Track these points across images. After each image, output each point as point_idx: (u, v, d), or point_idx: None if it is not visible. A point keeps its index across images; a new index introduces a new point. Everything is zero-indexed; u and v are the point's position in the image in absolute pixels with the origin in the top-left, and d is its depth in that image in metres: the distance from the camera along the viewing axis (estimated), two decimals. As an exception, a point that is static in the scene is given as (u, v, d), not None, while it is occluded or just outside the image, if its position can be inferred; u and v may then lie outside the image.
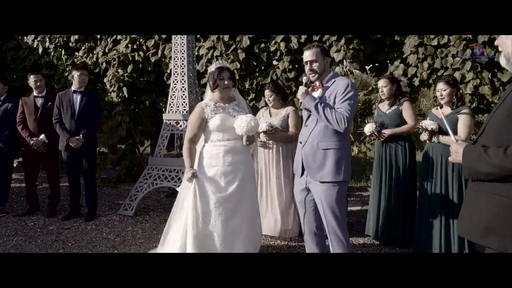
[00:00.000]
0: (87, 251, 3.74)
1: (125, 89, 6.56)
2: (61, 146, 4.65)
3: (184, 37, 4.80)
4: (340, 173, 2.67)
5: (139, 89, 6.73)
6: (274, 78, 5.76)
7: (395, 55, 5.35)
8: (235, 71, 5.72)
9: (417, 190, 3.77)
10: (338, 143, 2.69)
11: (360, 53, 5.31)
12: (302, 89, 2.77)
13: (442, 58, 4.93)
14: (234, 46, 5.84)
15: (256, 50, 5.81)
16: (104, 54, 6.93)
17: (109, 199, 5.77)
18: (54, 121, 4.60)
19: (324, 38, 5.39)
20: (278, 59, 5.77)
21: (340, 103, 2.63)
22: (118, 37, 6.82)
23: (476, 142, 1.71)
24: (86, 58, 7.13)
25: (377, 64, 5.69)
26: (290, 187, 3.94)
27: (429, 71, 5.02)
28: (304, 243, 3.07)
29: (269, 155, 3.96)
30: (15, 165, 5.50)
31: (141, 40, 6.63)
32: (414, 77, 5.19)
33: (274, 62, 5.92)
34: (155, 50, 6.51)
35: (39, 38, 7.48)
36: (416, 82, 5.18)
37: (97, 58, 6.99)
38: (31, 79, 4.78)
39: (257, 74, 5.88)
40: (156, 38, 6.50)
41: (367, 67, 5.82)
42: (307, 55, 2.78)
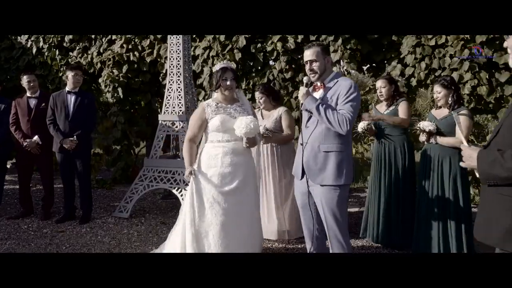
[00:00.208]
0: (81, 254, 3.68)
1: (120, 89, 6.51)
2: (55, 148, 4.59)
3: (180, 37, 4.75)
4: (342, 176, 2.62)
5: (134, 89, 6.68)
6: (271, 78, 5.72)
7: (393, 55, 5.32)
8: (232, 71, 5.66)
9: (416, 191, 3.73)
10: (339, 145, 2.63)
11: (357, 53, 5.28)
12: (302, 89, 2.71)
13: (439, 58, 4.91)
14: (230, 46, 5.79)
15: (253, 50, 5.77)
16: (99, 54, 6.87)
17: (104, 201, 5.70)
18: (48, 122, 4.53)
19: (321, 38, 5.34)
20: (275, 59, 5.72)
21: (342, 104, 2.58)
22: (113, 37, 6.75)
23: (489, 145, 1.67)
24: (81, 58, 7.06)
25: (374, 65, 5.66)
26: (287, 189, 3.91)
27: (426, 71, 5.00)
28: (306, 245, 3.02)
29: (264, 157, 3.92)
30: (8, 166, 5.43)
31: (136, 40, 6.57)
32: (412, 77, 5.16)
33: (271, 62, 5.87)
34: (150, 50, 6.46)
35: (33, 38, 7.40)
36: (413, 82, 5.15)
37: (91, 58, 6.92)
38: (24, 80, 4.72)
39: (253, 75, 5.83)
40: (152, 38, 6.45)
41: (364, 68, 5.79)
42: (307, 54, 2.73)
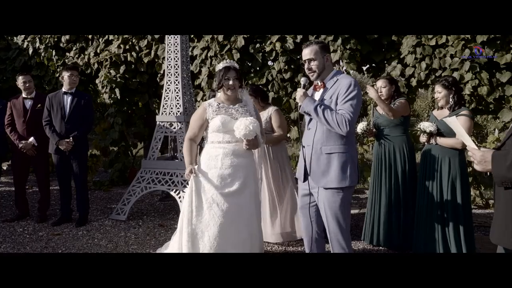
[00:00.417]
0: (77, 258, 3.61)
1: (117, 90, 6.46)
2: (51, 149, 4.53)
3: (178, 37, 4.69)
4: (346, 178, 2.55)
5: (131, 90, 6.63)
6: (270, 79, 5.67)
7: (393, 55, 5.28)
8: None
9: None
10: (342, 146, 2.56)
11: (357, 53, 5.24)
12: (300, 91, 2.65)
13: (440, 58, 4.87)
14: (228, 47, 5.74)
15: (251, 51, 5.72)
16: (96, 54, 6.81)
17: (101, 203, 5.64)
18: (44, 123, 4.47)
19: (320, 38, 5.30)
20: (274, 59, 5.68)
21: (342, 104, 2.50)
22: (110, 37, 6.70)
23: (503, 145, 1.63)
24: (78, 58, 7.00)
25: (374, 65, 5.61)
26: (281, 190, 3.85)
27: (427, 71, 4.96)
28: (305, 248, 2.96)
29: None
30: (4, 168, 5.37)
31: (133, 40, 6.51)
32: (412, 77, 5.13)
33: (270, 63, 5.83)
34: (148, 51, 6.41)
35: (29, 38, 7.34)
36: (413, 82, 5.12)
37: (88, 59, 6.87)
38: (20, 80, 4.66)
39: (252, 75, 5.78)
40: (149, 38, 6.39)
41: (364, 68, 5.74)
42: (305, 53, 2.67)
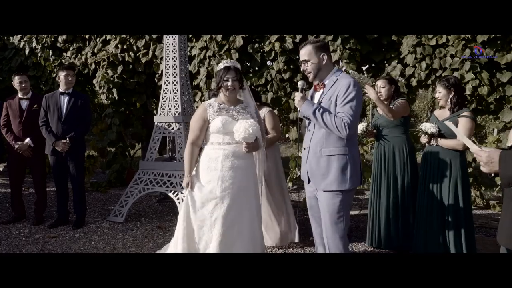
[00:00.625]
0: (74, 261, 3.55)
1: (115, 90, 6.40)
2: (47, 150, 4.47)
3: (176, 37, 4.64)
4: (346, 181, 2.49)
5: (129, 90, 6.57)
6: (269, 79, 5.63)
7: (392, 55, 5.25)
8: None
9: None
10: (342, 148, 2.50)
11: (357, 53, 5.20)
12: (298, 95, 2.59)
13: (440, 58, 4.84)
14: (227, 46, 5.70)
15: (250, 50, 5.68)
16: (93, 54, 6.75)
17: (98, 205, 5.57)
18: (40, 124, 4.41)
19: (319, 38, 5.26)
20: (273, 59, 5.64)
21: (341, 106, 2.44)
22: (108, 37, 6.64)
23: None
24: (75, 59, 6.94)
25: (373, 65, 5.58)
26: (277, 192, 3.79)
27: (427, 71, 4.93)
28: (317, 250, 2.89)
29: None
30: (0, 169, 5.30)
31: (131, 40, 6.45)
32: (412, 77, 5.09)
33: (268, 63, 5.79)
34: (145, 51, 6.35)
35: (26, 38, 7.27)
36: (413, 82, 5.09)
37: (86, 59, 6.81)
38: (16, 80, 4.59)
39: (251, 75, 5.74)
40: (147, 38, 6.34)
41: (364, 68, 5.71)
42: (301, 54, 2.62)
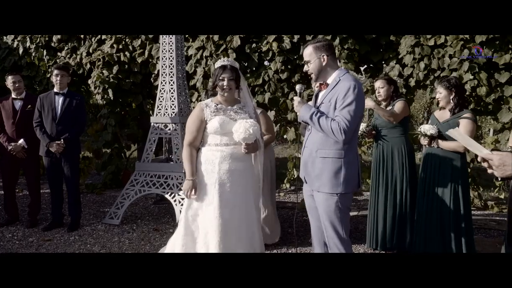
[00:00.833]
0: (69, 264, 3.48)
1: (110, 91, 6.32)
2: (41, 151, 4.40)
3: (173, 36, 4.59)
4: (339, 185, 2.42)
5: (125, 91, 6.49)
6: (266, 79, 5.59)
7: (391, 56, 5.22)
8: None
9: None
10: (338, 152, 2.43)
11: (355, 53, 5.17)
12: (296, 99, 2.55)
13: (439, 59, 4.82)
14: (224, 46, 5.64)
15: (247, 50, 5.63)
16: (88, 54, 6.67)
17: (93, 207, 5.50)
18: (34, 124, 4.33)
19: (319, 38, 5.22)
20: (270, 59, 5.59)
21: (339, 110, 2.38)
22: (103, 36, 6.56)
23: None
24: (69, 58, 6.85)
25: (372, 65, 5.55)
26: (266, 194, 3.75)
27: (425, 71, 4.91)
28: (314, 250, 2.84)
29: None
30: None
31: (127, 40, 6.38)
32: (410, 77, 5.07)
33: (266, 63, 5.74)
34: (141, 51, 6.27)
35: (19, 37, 7.17)
36: (412, 82, 5.06)
37: (80, 59, 6.71)
38: (9, 80, 4.51)
39: (248, 75, 5.68)
40: (143, 38, 6.27)
41: (362, 68, 5.68)
42: (303, 55, 2.60)
